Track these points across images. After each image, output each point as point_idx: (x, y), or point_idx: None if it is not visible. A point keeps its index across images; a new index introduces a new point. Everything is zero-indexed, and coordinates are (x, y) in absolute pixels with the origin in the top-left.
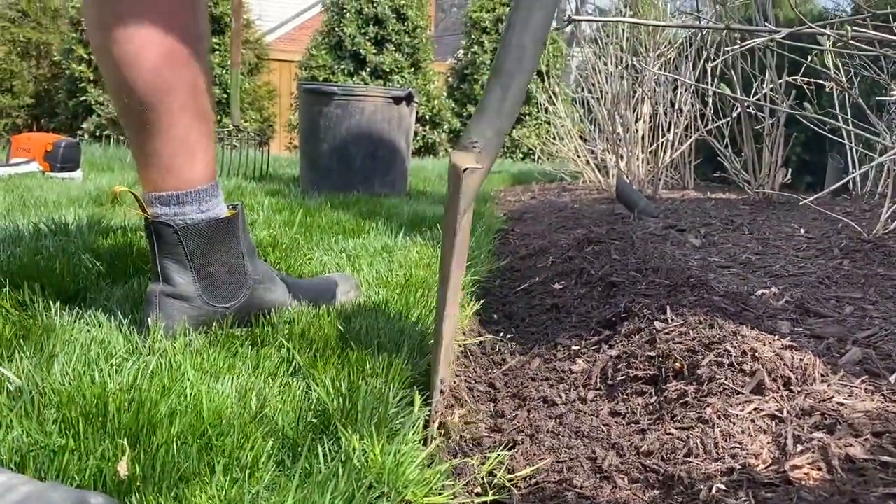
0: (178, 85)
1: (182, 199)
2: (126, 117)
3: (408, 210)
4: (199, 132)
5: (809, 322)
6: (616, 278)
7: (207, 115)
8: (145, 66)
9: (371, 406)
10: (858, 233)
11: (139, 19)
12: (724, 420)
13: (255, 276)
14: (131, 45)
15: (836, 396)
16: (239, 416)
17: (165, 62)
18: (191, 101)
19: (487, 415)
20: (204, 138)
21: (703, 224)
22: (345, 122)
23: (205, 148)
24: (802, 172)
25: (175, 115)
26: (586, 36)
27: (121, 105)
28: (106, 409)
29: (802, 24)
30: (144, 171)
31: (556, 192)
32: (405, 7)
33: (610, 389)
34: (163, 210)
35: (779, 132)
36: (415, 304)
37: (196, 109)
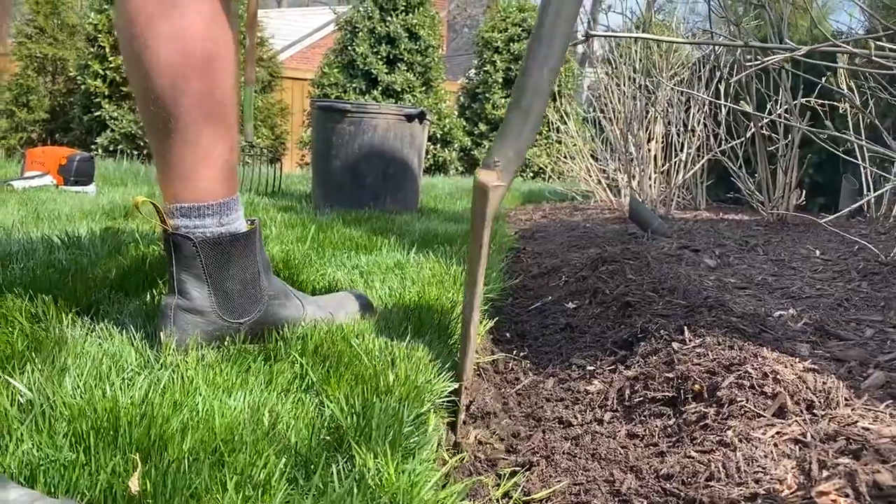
0: (207, 96)
1: (203, 212)
2: (151, 126)
3: (419, 227)
4: (223, 145)
5: (829, 345)
6: (631, 298)
7: (233, 129)
8: (174, 76)
9: (386, 424)
10: (876, 255)
11: (171, 29)
12: (746, 443)
13: (270, 292)
14: (161, 54)
15: (860, 421)
16: (251, 433)
17: (196, 73)
18: (218, 113)
19: (502, 435)
20: (227, 152)
21: (717, 245)
22: (357, 139)
23: (228, 161)
24: (815, 194)
25: (201, 126)
26: (598, 56)
27: (147, 113)
28: (117, 423)
29: (821, 43)
30: (166, 182)
31: (568, 211)
32: (417, 27)
33: (627, 411)
34: (183, 222)
35: (793, 153)
36: (427, 322)
37: (222, 122)
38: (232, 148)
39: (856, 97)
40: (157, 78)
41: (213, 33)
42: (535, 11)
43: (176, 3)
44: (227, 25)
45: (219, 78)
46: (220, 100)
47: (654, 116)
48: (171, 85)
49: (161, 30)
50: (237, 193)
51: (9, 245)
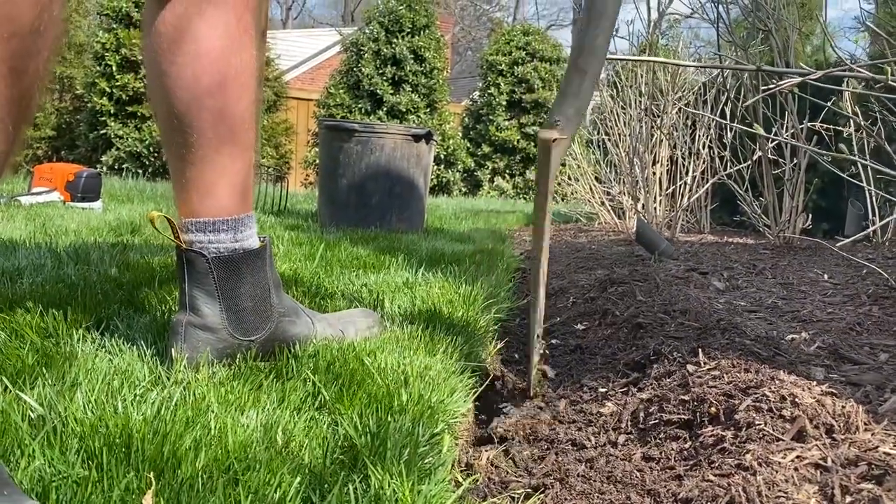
0: (230, 114)
1: (218, 227)
2: (170, 143)
3: (426, 246)
4: (242, 161)
5: (844, 368)
6: (643, 320)
7: (250, 148)
8: (192, 96)
9: (401, 444)
10: (885, 279)
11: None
12: (765, 467)
13: (281, 309)
14: (180, 76)
15: (881, 446)
16: (265, 451)
17: (213, 93)
18: (236, 132)
19: (515, 457)
20: (245, 168)
21: (725, 267)
22: (364, 158)
23: (245, 178)
24: (819, 219)
25: (223, 142)
26: (603, 80)
27: (167, 131)
28: (130, 440)
29: (829, 68)
30: (183, 198)
31: (573, 233)
32: (423, 49)
33: (642, 433)
34: (198, 237)
35: (799, 176)
36: (440, 341)
37: (240, 141)
38: (249, 165)
39: (860, 120)
40: (176, 98)
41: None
42: (538, 35)
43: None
44: (247, 47)
45: (236, 98)
46: (239, 119)
47: (660, 139)
48: (189, 104)
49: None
50: (252, 211)
51: (17, 260)
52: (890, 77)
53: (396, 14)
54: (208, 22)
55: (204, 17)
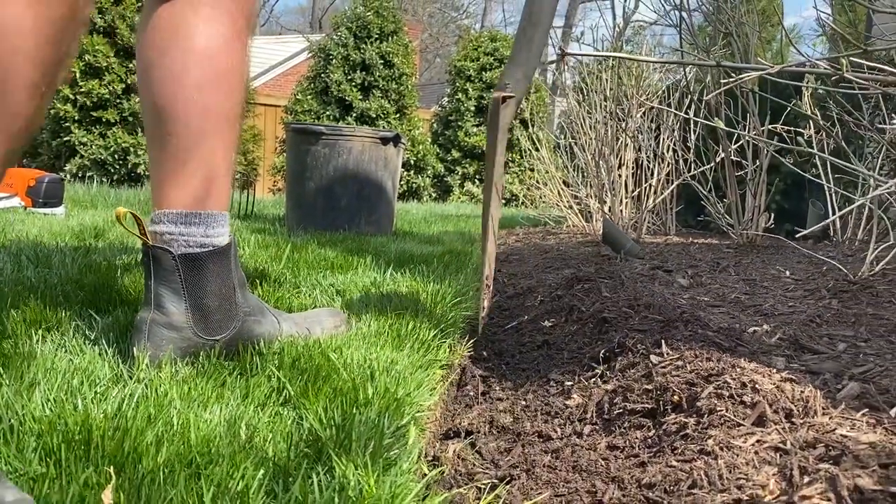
0: (216, 111)
1: (191, 220)
2: (155, 132)
3: (395, 248)
4: (222, 158)
5: (804, 358)
6: (608, 314)
7: (232, 147)
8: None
9: (366, 436)
10: (844, 275)
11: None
12: (727, 451)
13: (246, 308)
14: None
15: (838, 429)
16: (228, 445)
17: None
18: (223, 129)
19: (481, 449)
20: (225, 165)
21: (689, 265)
22: (332, 161)
23: (223, 175)
24: (782, 219)
25: (205, 137)
26: (569, 85)
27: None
28: (90, 436)
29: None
30: (160, 188)
31: (541, 235)
32: (391, 54)
33: (607, 423)
34: (168, 228)
35: (761, 177)
36: (407, 337)
37: (225, 138)
38: (228, 164)
39: (820, 121)
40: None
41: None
42: (505, 41)
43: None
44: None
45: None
46: (223, 117)
47: (625, 143)
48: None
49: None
50: (226, 211)
51: None
52: (846, 71)
53: (365, 20)
54: (204, 21)
55: (200, 15)
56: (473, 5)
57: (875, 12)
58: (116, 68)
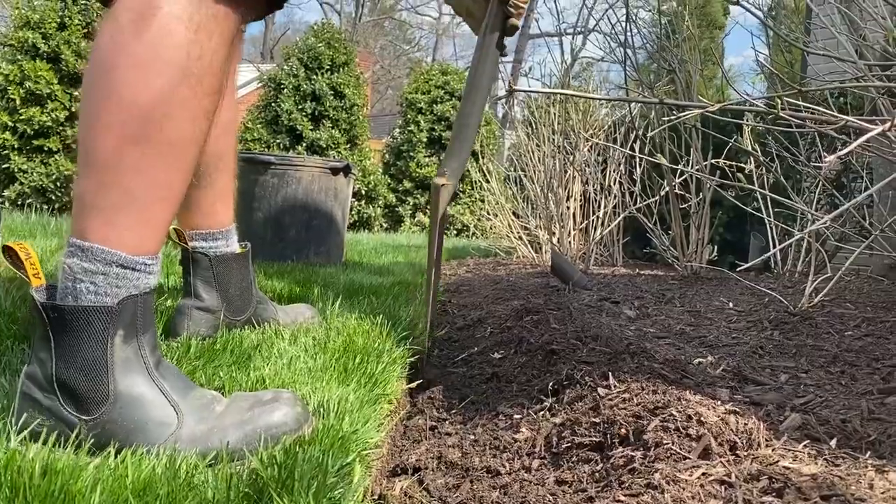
0: (229, 150)
1: (215, 236)
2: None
3: (344, 279)
4: (230, 186)
5: (748, 389)
6: (556, 346)
7: (235, 174)
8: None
9: (309, 475)
10: (785, 306)
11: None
12: (673, 485)
13: (258, 297)
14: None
15: (781, 461)
16: (167, 485)
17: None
18: (232, 162)
19: (429, 486)
20: (232, 190)
21: (636, 297)
22: (281, 191)
23: (231, 198)
24: (725, 252)
25: (221, 172)
26: (518, 118)
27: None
28: (16, 482)
29: (729, 104)
30: (187, 215)
31: (492, 266)
32: (343, 85)
33: (555, 457)
34: (200, 243)
35: (704, 210)
36: (354, 371)
37: (233, 169)
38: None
39: (760, 156)
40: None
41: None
42: (456, 75)
43: None
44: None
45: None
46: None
47: (573, 176)
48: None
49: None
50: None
51: None
52: (780, 110)
53: (316, 51)
54: None
55: None
56: (425, 39)
57: (809, 54)
58: (60, 95)
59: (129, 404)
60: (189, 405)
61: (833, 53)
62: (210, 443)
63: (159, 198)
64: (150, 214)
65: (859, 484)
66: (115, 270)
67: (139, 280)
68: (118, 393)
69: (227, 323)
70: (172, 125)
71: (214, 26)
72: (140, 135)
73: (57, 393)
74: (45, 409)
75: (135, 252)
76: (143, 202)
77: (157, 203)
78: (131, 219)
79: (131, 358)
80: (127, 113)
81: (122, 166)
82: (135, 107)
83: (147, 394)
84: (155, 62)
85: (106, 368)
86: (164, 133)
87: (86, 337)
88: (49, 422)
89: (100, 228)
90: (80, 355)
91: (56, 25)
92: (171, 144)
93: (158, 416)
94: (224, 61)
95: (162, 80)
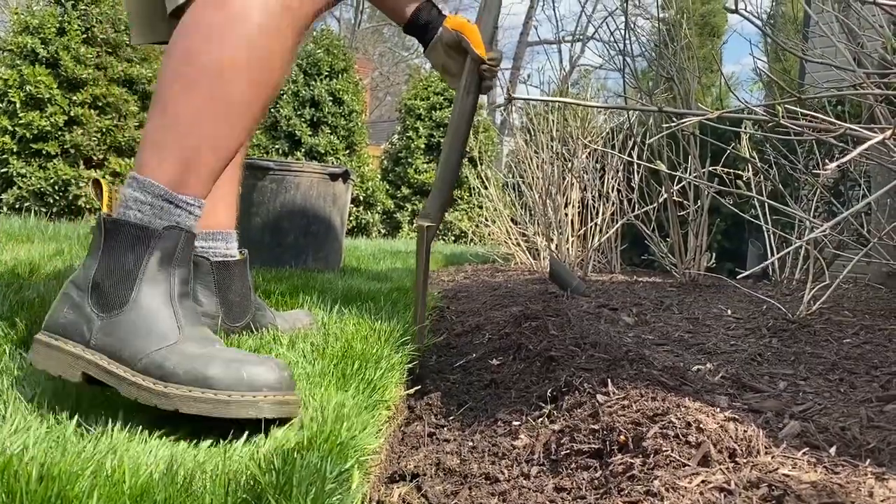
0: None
1: (216, 237)
2: None
3: (342, 285)
4: (234, 193)
5: (746, 397)
6: (555, 353)
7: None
8: None
9: (307, 481)
10: (784, 314)
11: None
12: (672, 492)
13: (256, 304)
14: None
15: (780, 468)
16: (164, 490)
17: None
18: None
19: (427, 493)
20: (235, 198)
21: (634, 304)
22: (279, 197)
23: (233, 202)
24: (723, 259)
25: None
26: (517, 125)
27: None
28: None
29: (729, 112)
30: None
31: (489, 272)
32: (341, 91)
33: (554, 464)
34: (199, 243)
35: (703, 217)
36: (352, 377)
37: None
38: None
39: (758, 163)
40: None
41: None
42: None
43: None
44: None
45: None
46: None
47: (571, 182)
48: None
49: None
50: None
51: None
52: (781, 117)
53: (315, 57)
54: None
55: None
56: None
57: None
58: (59, 100)
59: (142, 313)
60: (192, 332)
61: (831, 61)
62: (195, 364)
63: (209, 147)
64: (199, 160)
65: (859, 492)
66: (160, 203)
67: (181, 217)
68: (136, 301)
69: (226, 329)
70: (236, 86)
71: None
72: (208, 88)
73: (88, 291)
74: (75, 305)
75: (179, 190)
76: (193, 148)
77: (206, 151)
78: (181, 160)
79: (160, 279)
80: (198, 72)
81: (181, 112)
82: (205, 68)
83: (161, 310)
84: (231, 34)
85: (134, 279)
86: (229, 93)
87: (127, 248)
88: (71, 315)
89: (153, 164)
90: (118, 263)
91: (55, 31)
92: (230, 103)
93: (162, 329)
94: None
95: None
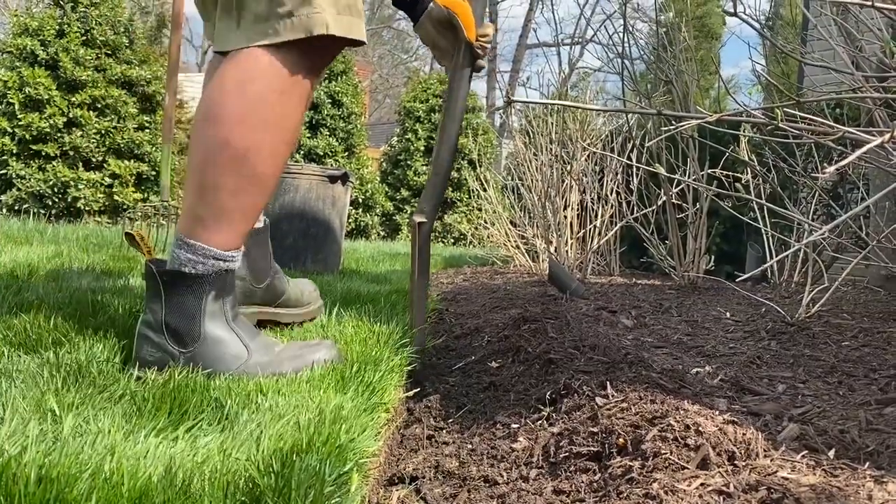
0: None
1: None
2: None
3: (341, 287)
4: None
5: (745, 399)
6: (554, 355)
7: None
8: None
9: (306, 484)
10: (782, 316)
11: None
12: (671, 496)
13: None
14: None
15: (779, 471)
16: (162, 493)
17: None
18: None
19: (426, 495)
20: None
21: (633, 306)
22: (278, 199)
23: None
24: (722, 262)
25: None
26: (516, 128)
27: None
28: (12, 485)
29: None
30: None
31: (489, 275)
32: (340, 94)
33: (553, 467)
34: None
35: (701, 220)
36: (351, 379)
37: None
38: None
39: (756, 166)
40: None
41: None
42: None
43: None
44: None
45: None
46: None
47: (570, 185)
48: None
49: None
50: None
51: None
52: (780, 120)
53: None
54: None
55: None
56: (423, 48)
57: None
58: (58, 101)
59: (213, 342)
60: (256, 344)
61: (830, 65)
62: (271, 369)
63: (244, 214)
64: (237, 225)
65: (858, 495)
66: (210, 260)
67: (225, 264)
68: (206, 334)
69: (249, 289)
70: (260, 163)
71: (297, 90)
72: (237, 170)
73: (164, 333)
74: (156, 345)
75: (223, 248)
76: (232, 217)
77: (243, 218)
78: (223, 227)
79: (216, 311)
80: (229, 155)
81: (220, 191)
82: (235, 151)
83: (226, 336)
84: (252, 119)
85: (200, 317)
86: (254, 170)
87: (189, 294)
88: (157, 353)
89: (201, 232)
90: (184, 307)
91: (55, 33)
92: (256, 177)
93: (233, 351)
94: (301, 117)
95: (257, 134)
